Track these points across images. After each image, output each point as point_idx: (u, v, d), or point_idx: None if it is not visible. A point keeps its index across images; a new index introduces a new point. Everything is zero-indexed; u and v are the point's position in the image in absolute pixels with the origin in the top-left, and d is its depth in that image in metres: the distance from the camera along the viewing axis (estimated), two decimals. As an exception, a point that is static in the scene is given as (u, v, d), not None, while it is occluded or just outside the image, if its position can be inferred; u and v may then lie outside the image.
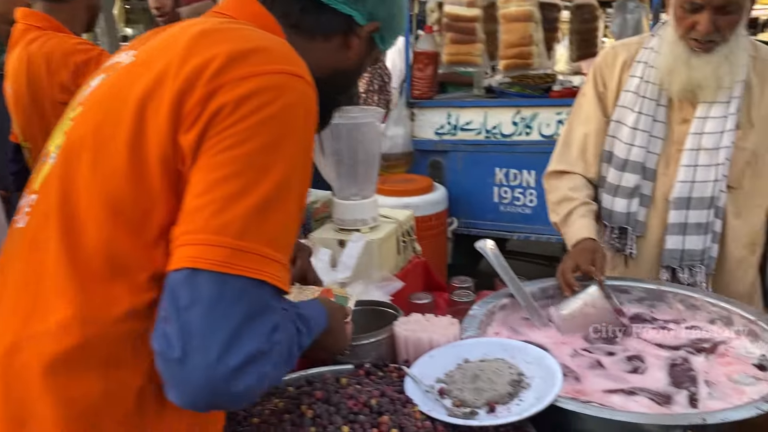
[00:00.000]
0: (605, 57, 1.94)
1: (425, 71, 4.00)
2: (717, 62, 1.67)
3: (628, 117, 1.83)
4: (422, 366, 1.38)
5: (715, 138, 1.74)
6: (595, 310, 1.62)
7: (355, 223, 1.91)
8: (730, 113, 1.73)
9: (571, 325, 1.64)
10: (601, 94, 1.93)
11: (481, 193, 4.09)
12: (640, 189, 1.85)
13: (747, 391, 1.36)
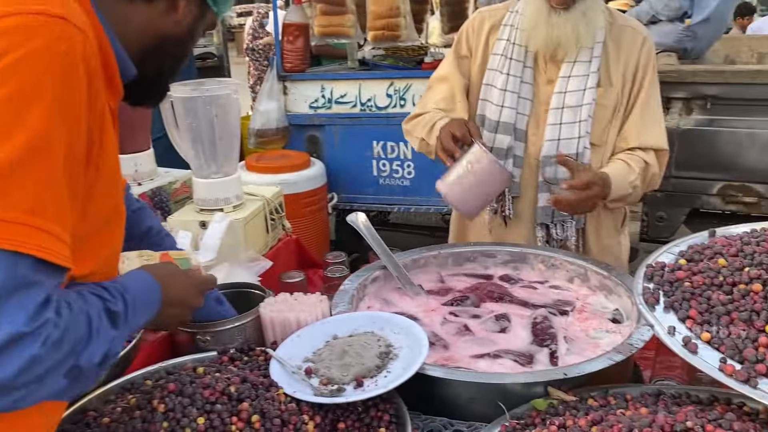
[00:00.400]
0: (472, 22, 1.97)
1: (295, 43, 3.89)
2: (575, 19, 1.72)
3: (497, 79, 1.87)
4: (289, 347, 1.33)
5: (578, 96, 1.80)
6: (481, 165, 1.62)
7: (218, 203, 1.82)
8: (592, 71, 1.80)
9: (460, 189, 1.63)
10: (463, 57, 1.95)
11: (360, 167, 4.07)
12: (513, 150, 1.88)
13: (602, 344, 1.42)
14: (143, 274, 1.05)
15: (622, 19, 1.88)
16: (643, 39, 1.84)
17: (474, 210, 1.71)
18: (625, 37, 1.83)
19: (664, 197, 2.84)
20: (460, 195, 1.62)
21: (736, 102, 2.68)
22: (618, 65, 1.83)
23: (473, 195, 1.63)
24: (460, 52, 1.96)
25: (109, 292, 0.91)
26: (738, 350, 1.01)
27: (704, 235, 1.43)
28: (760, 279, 1.11)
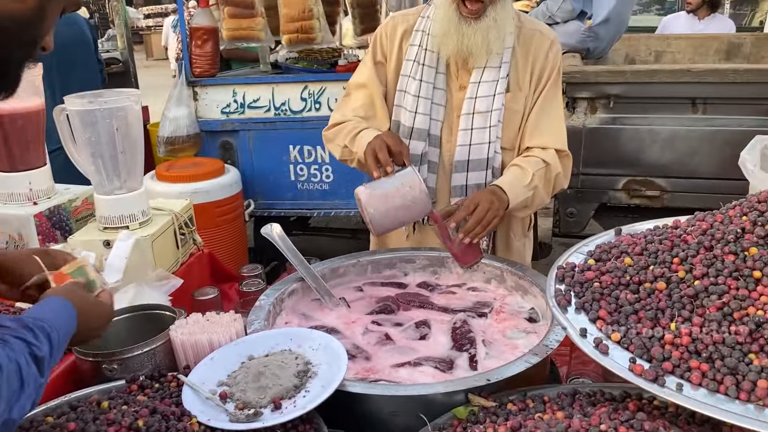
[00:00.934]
0: (385, 27, 1.95)
1: (204, 47, 3.76)
2: (486, 28, 1.73)
3: (410, 85, 1.86)
4: (202, 370, 1.28)
5: (488, 101, 1.82)
6: (412, 192, 1.60)
7: (123, 220, 1.72)
8: (501, 77, 1.82)
9: (384, 207, 1.60)
10: (379, 63, 1.94)
11: (277, 172, 3.99)
12: (427, 156, 1.88)
13: (519, 346, 1.45)
14: (63, 303, 0.98)
15: (530, 23, 1.91)
16: (551, 43, 1.88)
17: (385, 230, 1.69)
18: (533, 42, 1.86)
19: (574, 193, 2.94)
20: (381, 213, 1.60)
21: (636, 100, 2.81)
22: (526, 70, 1.86)
23: (393, 216, 1.61)
24: (375, 58, 1.94)
25: (34, 334, 0.84)
26: (646, 349, 1.04)
27: (611, 234, 1.47)
28: (663, 277, 1.15)
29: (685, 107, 2.76)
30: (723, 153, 2.21)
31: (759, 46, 4.23)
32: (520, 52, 1.86)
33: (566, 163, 1.87)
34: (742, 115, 2.71)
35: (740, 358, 0.97)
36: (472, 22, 1.73)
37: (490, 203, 1.64)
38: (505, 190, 1.71)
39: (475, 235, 1.63)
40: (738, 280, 1.07)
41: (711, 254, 1.14)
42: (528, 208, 1.83)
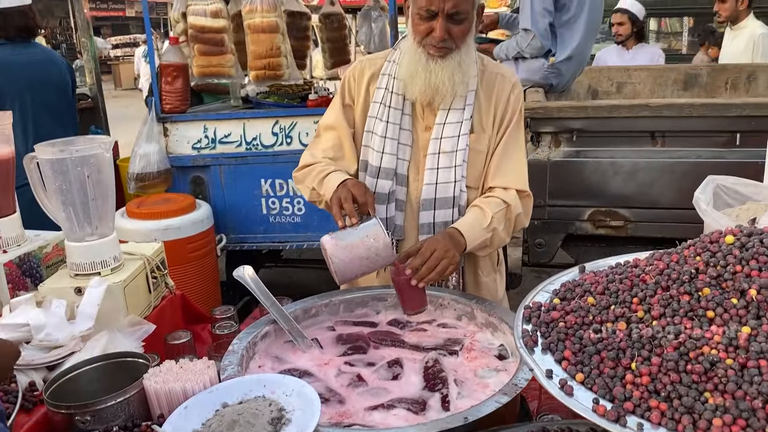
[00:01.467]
0: (353, 71, 2.02)
1: (174, 84, 3.79)
2: (451, 68, 1.80)
3: (377, 126, 1.92)
4: (177, 420, 1.28)
5: (452, 141, 1.88)
6: (376, 244, 1.64)
7: (94, 267, 1.72)
8: (465, 119, 1.88)
9: (348, 257, 1.64)
10: (347, 106, 2.00)
11: (249, 206, 4.00)
12: (395, 194, 1.93)
13: (490, 384, 1.48)
14: None
15: (492, 67, 1.98)
16: (512, 85, 1.95)
17: (349, 279, 1.72)
18: (496, 84, 1.93)
19: (542, 224, 3.01)
20: (345, 263, 1.64)
21: (598, 134, 2.90)
22: (489, 112, 1.93)
23: (357, 266, 1.65)
24: (344, 101, 2.00)
25: None
26: (608, 389, 1.08)
27: (575, 272, 1.53)
28: (624, 317, 1.20)
29: (644, 140, 2.87)
30: (682, 184, 2.29)
31: (714, 77, 4.40)
32: (483, 95, 1.93)
33: (527, 203, 1.93)
34: (700, 147, 2.81)
35: (696, 397, 1.02)
36: (438, 60, 1.80)
37: (445, 251, 1.69)
38: (463, 233, 1.77)
39: (426, 281, 1.68)
40: (693, 320, 1.12)
41: (668, 294, 1.19)
42: (488, 248, 1.89)
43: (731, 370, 1.03)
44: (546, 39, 3.52)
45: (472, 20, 1.82)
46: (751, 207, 1.53)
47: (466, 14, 1.77)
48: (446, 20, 1.75)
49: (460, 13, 1.75)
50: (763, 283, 1.12)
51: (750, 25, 4.91)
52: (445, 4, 1.72)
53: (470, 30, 1.83)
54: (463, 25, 1.78)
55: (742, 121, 2.71)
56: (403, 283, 1.69)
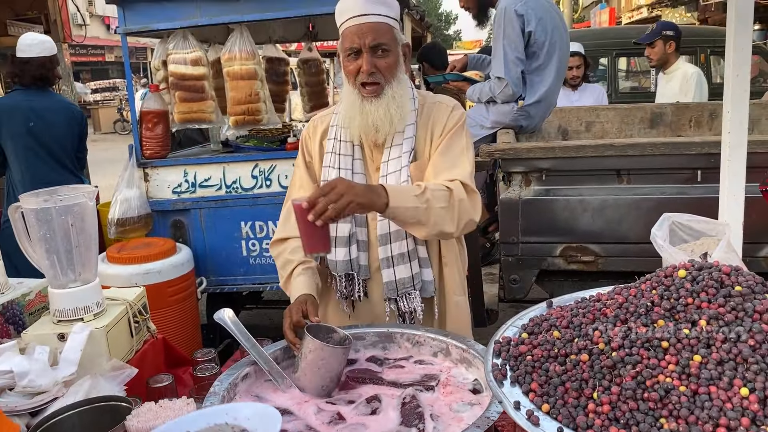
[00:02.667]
0: (308, 131, 2.13)
1: (155, 130, 3.86)
2: (386, 104, 1.89)
3: (331, 174, 1.99)
4: None
5: (396, 176, 1.95)
6: (313, 354, 1.66)
7: (77, 312, 1.76)
8: (404, 152, 1.95)
9: (308, 380, 1.68)
10: (309, 164, 2.10)
11: (229, 249, 4.04)
12: (355, 236, 2.00)
13: (464, 418, 1.53)
14: None
15: (431, 98, 2.06)
16: (452, 108, 2.01)
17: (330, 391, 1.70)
18: (433, 111, 2.01)
19: (516, 261, 3.10)
20: (309, 384, 1.67)
21: (567, 173, 3.01)
22: (427, 138, 1.99)
23: (319, 379, 1.67)
24: (305, 159, 2.10)
25: None
26: (572, 418, 1.15)
27: (543, 306, 1.60)
28: (586, 349, 1.27)
29: (611, 178, 2.98)
30: (649, 219, 2.37)
31: (679, 115, 4.57)
32: (421, 125, 2.00)
33: (473, 198, 1.89)
34: (663, 183, 2.94)
35: (652, 423, 1.08)
36: (372, 100, 1.89)
37: (347, 187, 1.68)
38: (387, 188, 1.76)
39: (324, 218, 1.66)
40: (649, 351, 1.19)
41: (626, 326, 1.27)
42: (423, 225, 1.81)
43: (684, 397, 1.10)
44: (518, 86, 3.67)
45: (398, 55, 1.91)
46: (704, 242, 1.63)
47: (389, 48, 1.87)
48: (371, 54, 1.85)
49: (382, 45, 1.85)
50: (712, 314, 1.20)
51: (682, 67, 5.21)
52: (365, 38, 1.83)
53: (397, 64, 1.92)
54: (389, 58, 1.87)
55: (702, 158, 2.84)
56: (302, 220, 1.69)
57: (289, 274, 1.97)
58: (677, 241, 1.73)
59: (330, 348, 1.68)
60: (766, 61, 8.31)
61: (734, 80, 1.96)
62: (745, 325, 1.17)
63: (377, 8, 1.85)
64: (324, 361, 1.66)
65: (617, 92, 7.61)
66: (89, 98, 26.43)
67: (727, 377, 1.10)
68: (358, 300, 2.06)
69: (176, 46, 3.81)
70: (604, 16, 22.74)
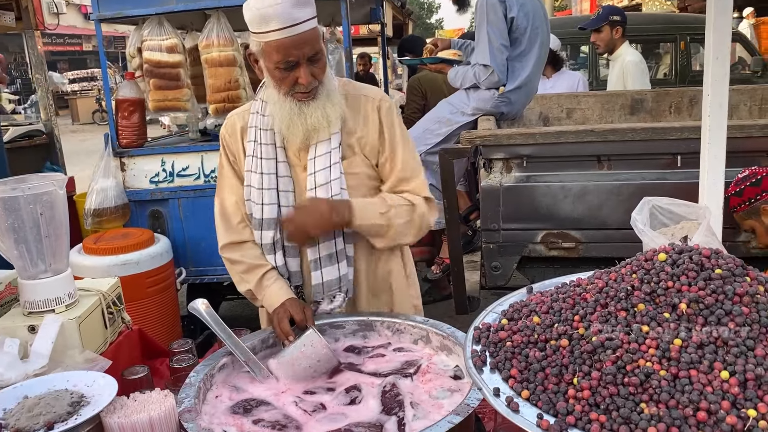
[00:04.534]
0: (227, 127, 1.99)
1: (131, 119, 3.79)
2: (323, 104, 1.81)
3: (253, 179, 1.90)
4: None
5: (325, 173, 1.87)
6: (312, 349, 1.68)
7: (48, 304, 1.71)
8: (333, 147, 1.87)
9: (292, 371, 1.67)
10: (233, 163, 1.98)
11: (209, 239, 3.95)
12: (281, 242, 1.91)
13: (444, 405, 1.51)
14: None
15: (354, 89, 1.96)
16: (379, 102, 1.94)
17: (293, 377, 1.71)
18: (360, 106, 1.93)
19: (497, 248, 3.08)
20: (291, 375, 1.66)
21: (547, 159, 3.00)
22: (356, 133, 1.92)
23: (302, 376, 1.67)
24: (229, 157, 1.98)
25: None
26: (552, 404, 1.13)
27: (523, 292, 1.58)
28: (566, 334, 1.25)
29: (591, 164, 2.97)
30: (629, 205, 2.37)
31: (659, 101, 4.58)
32: (349, 118, 1.91)
33: (431, 206, 1.96)
34: (643, 169, 2.93)
35: (633, 408, 1.07)
36: (310, 103, 1.79)
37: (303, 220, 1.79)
38: (354, 206, 1.81)
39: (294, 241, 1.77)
40: (629, 335, 1.18)
41: (606, 311, 1.25)
42: (382, 238, 1.89)
43: (664, 381, 1.09)
44: (503, 73, 3.65)
45: (325, 51, 1.82)
46: (684, 226, 1.62)
47: (321, 51, 1.77)
48: (308, 64, 1.74)
49: (318, 53, 1.75)
50: (692, 297, 1.19)
51: (623, 53, 5.10)
52: (302, 50, 1.71)
53: (326, 62, 1.83)
54: (321, 61, 1.78)
55: (682, 143, 2.84)
56: None
57: (260, 278, 1.90)
58: (657, 225, 1.72)
59: (331, 352, 1.70)
60: (745, 49, 8.38)
61: (714, 62, 1.96)
62: (725, 308, 1.16)
63: (304, 12, 1.70)
64: (318, 361, 1.67)
65: (598, 80, 7.62)
66: (67, 88, 26.02)
67: (707, 361, 1.10)
68: None
69: (151, 33, 3.73)
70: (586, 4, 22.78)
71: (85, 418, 1.33)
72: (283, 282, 1.91)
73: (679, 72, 7.49)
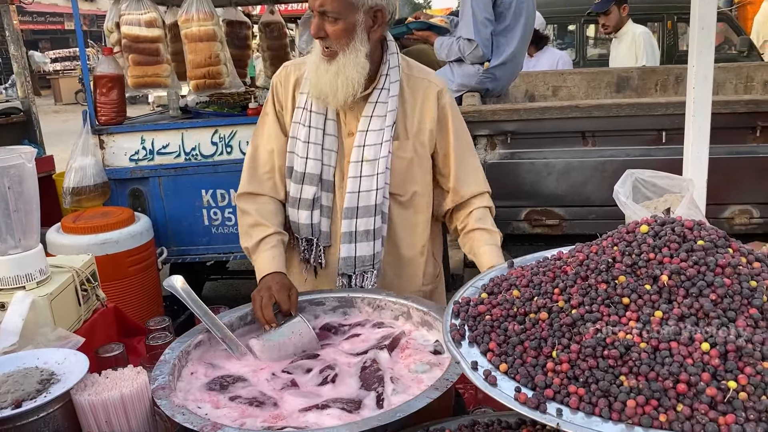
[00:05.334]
0: (279, 77, 1.99)
1: (110, 95, 3.71)
2: (334, 72, 1.80)
3: (300, 131, 1.90)
4: None
5: (375, 149, 1.87)
6: (300, 338, 1.68)
7: (19, 280, 1.67)
8: (387, 126, 1.87)
9: (277, 355, 1.65)
10: (279, 114, 1.98)
11: (190, 218, 3.94)
12: (320, 200, 1.92)
13: (424, 379, 1.49)
14: None
15: (418, 72, 1.97)
16: (439, 92, 1.93)
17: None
18: (420, 90, 1.93)
19: (481, 226, 3.06)
20: (274, 359, 1.64)
21: (532, 135, 2.97)
22: (413, 118, 1.92)
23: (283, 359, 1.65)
24: (276, 107, 1.98)
25: None
26: (530, 378, 1.11)
27: (504, 267, 1.56)
28: (546, 307, 1.23)
29: (576, 140, 2.95)
30: (613, 182, 2.35)
31: (645, 79, 4.57)
32: (408, 100, 1.91)
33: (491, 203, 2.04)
34: (628, 145, 2.92)
35: (612, 381, 1.05)
36: (326, 61, 1.80)
37: None
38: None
39: None
40: (609, 307, 1.16)
41: (586, 284, 1.23)
42: None
43: (644, 353, 1.07)
44: (487, 48, 3.61)
45: (353, 23, 1.77)
46: (668, 199, 1.60)
47: (339, 16, 1.75)
48: (320, 18, 1.76)
49: (328, 12, 1.75)
50: (673, 268, 1.17)
51: (630, 29, 5.18)
52: (315, 1, 1.75)
53: (350, 33, 1.77)
54: (337, 26, 1.76)
55: (667, 119, 2.82)
56: None
57: (259, 240, 1.88)
58: (640, 199, 1.71)
59: (316, 340, 1.69)
60: (731, 28, 8.36)
61: (699, 33, 1.93)
62: (707, 280, 1.14)
63: None
64: (303, 351, 1.66)
65: (585, 59, 7.59)
66: (49, 68, 25.58)
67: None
68: (319, 267, 1.99)
69: (129, 7, 3.65)
70: (573, -17, 22.63)
71: (54, 396, 1.29)
72: (279, 251, 1.87)
73: (666, 51, 7.48)
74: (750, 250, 1.22)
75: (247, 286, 5.05)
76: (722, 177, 2.70)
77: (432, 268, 2.11)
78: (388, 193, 1.90)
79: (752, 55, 7.58)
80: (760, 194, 2.92)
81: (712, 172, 2.39)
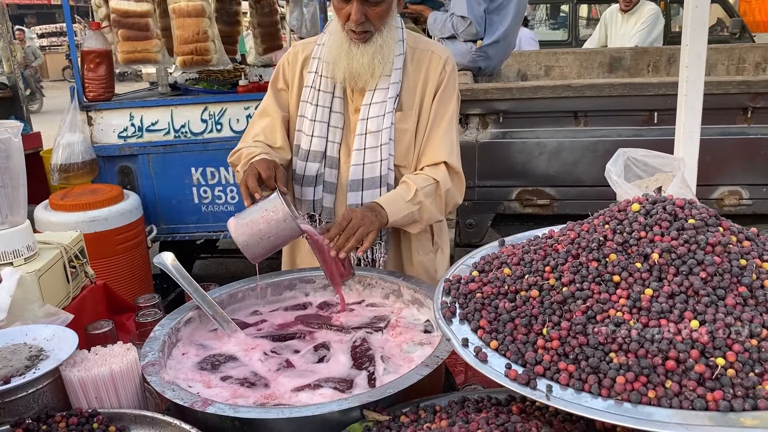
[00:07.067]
0: (288, 56, 2.01)
1: (97, 71, 3.66)
2: (372, 51, 1.80)
3: (307, 110, 1.92)
4: None
5: (378, 121, 1.88)
6: (275, 216, 1.61)
7: (6, 257, 1.65)
8: (389, 97, 1.88)
9: (249, 232, 1.62)
10: (280, 91, 2.00)
11: (180, 196, 3.92)
12: (323, 176, 1.92)
13: (415, 358, 1.50)
14: None
15: (424, 44, 1.96)
16: (444, 62, 1.93)
17: (256, 256, 1.68)
18: (424, 62, 1.92)
19: (472, 205, 3.06)
20: (246, 238, 1.61)
21: (524, 115, 2.96)
22: (416, 89, 1.92)
23: (258, 241, 1.62)
24: (277, 86, 2.00)
25: None
26: (521, 354, 1.11)
27: (495, 245, 1.56)
28: (536, 285, 1.23)
29: (568, 120, 2.95)
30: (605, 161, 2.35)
31: (637, 59, 4.55)
32: (411, 73, 1.92)
33: (457, 180, 1.93)
34: (620, 125, 2.92)
35: (602, 358, 1.06)
36: (360, 45, 1.80)
37: (361, 218, 1.67)
38: (383, 205, 1.77)
39: (345, 250, 1.66)
40: (600, 285, 1.16)
41: (578, 262, 1.23)
42: (417, 223, 1.88)
43: (634, 331, 1.07)
44: (480, 25, 3.59)
45: (392, 1, 1.80)
46: (659, 178, 1.60)
47: None
48: (362, 3, 1.73)
49: None
50: (664, 247, 1.17)
51: (641, 5, 5.22)
52: None
53: (389, 11, 1.81)
54: (380, 7, 1.76)
55: (659, 99, 2.82)
56: (324, 256, 1.68)
57: (250, 159, 1.83)
58: (632, 178, 1.70)
59: (295, 223, 1.61)
60: (724, 10, 8.34)
61: (693, 11, 1.91)
62: (697, 258, 1.14)
63: None
64: (278, 229, 1.61)
65: (577, 39, 7.56)
66: (35, 44, 25.17)
67: (677, 310, 1.08)
68: None
69: (117, -20, 3.58)
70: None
71: (43, 372, 1.29)
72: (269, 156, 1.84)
73: (659, 32, 7.44)
74: (740, 229, 1.23)
75: (237, 265, 5.05)
76: (713, 158, 2.71)
77: (435, 238, 2.12)
78: (393, 165, 1.90)
79: (744, 36, 7.57)
80: (750, 175, 2.93)
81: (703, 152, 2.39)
